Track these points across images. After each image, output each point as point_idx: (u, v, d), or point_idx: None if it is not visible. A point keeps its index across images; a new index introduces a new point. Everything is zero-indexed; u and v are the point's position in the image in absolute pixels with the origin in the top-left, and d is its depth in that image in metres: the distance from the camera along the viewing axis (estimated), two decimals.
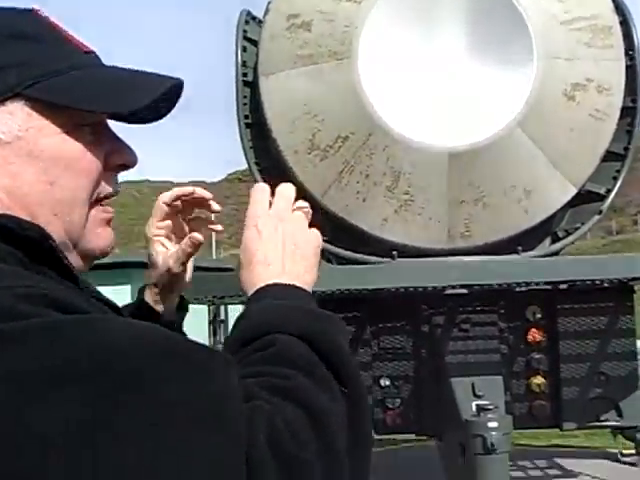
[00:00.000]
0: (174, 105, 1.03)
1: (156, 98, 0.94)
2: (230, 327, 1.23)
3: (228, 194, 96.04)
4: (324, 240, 5.34)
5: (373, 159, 4.96)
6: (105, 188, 0.97)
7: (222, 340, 8.32)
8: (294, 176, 5.10)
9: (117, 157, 0.98)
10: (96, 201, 0.97)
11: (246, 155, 5.44)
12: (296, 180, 5.11)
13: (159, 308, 1.31)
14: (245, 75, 5.35)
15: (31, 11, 0.97)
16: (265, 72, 5.12)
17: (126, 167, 1.00)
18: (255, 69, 5.25)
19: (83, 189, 0.93)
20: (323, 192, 5.07)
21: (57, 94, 0.90)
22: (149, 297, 1.32)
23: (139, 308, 1.31)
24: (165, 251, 1.30)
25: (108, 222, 1.00)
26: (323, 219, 5.25)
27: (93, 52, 0.99)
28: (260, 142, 5.36)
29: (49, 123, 0.90)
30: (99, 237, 0.97)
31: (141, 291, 1.34)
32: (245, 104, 5.37)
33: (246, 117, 5.36)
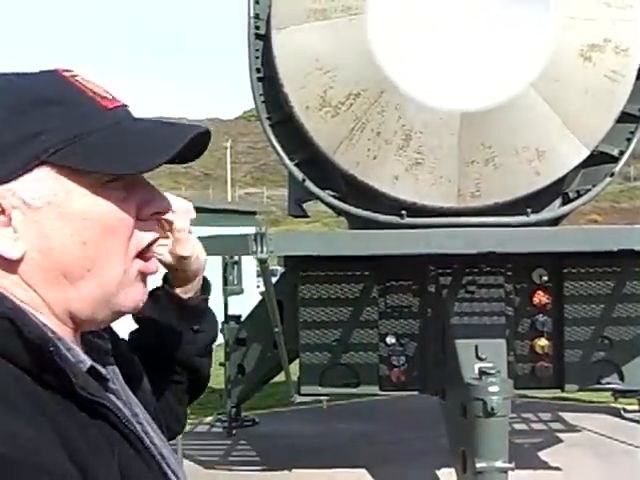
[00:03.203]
0: (204, 146, 1.05)
1: (170, 158, 0.95)
2: (243, 268, 1.37)
3: (244, 132, 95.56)
4: (337, 197, 5.32)
5: (385, 117, 4.92)
6: (143, 238, 1.00)
7: (235, 282, 8.35)
8: (305, 132, 5.10)
9: (149, 207, 1.00)
10: (139, 253, 1.00)
11: (257, 109, 5.42)
12: (307, 136, 5.11)
13: (186, 296, 1.42)
14: (258, 28, 5.29)
15: (54, 72, 0.99)
16: (278, 26, 5.06)
17: (160, 214, 1.02)
18: (268, 22, 5.19)
19: (116, 245, 0.96)
20: (334, 149, 5.06)
21: (77, 160, 0.92)
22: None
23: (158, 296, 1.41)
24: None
25: (144, 277, 1.02)
26: (335, 175, 5.27)
27: (118, 106, 1.00)
28: (272, 96, 5.33)
29: (76, 186, 0.94)
30: (127, 297, 0.99)
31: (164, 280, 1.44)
32: (257, 57, 5.33)
33: (258, 70, 5.33)
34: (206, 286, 1.48)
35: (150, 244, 1.01)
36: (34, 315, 0.93)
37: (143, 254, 1.00)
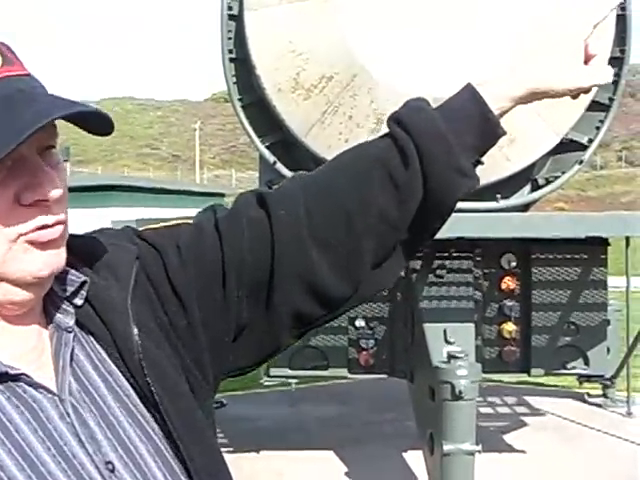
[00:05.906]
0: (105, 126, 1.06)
1: (21, 142, 0.89)
2: None
3: (213, 114, 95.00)
4: None
5: (357, 101, 4.93)
6: (25, 224, 0.95)
7: None
8: (277, 114, 5.08)
9: (30, 194, 0.95)
10: (22, 236, 0.95)
11: (229, 90, 5.38)
12: (278, 118, 5.09)
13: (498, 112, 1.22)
14: (230, 9, 5.25)
15: None
16: (251, 7, 5.02)
17: (44, 202, 0.95)
18: (241, 3, 5.15)
19: None
20: (306, 132, 5.05)
21: None
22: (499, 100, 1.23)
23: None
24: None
25: (42, 245, 0.96)
26: (306, 159, 5.26)
27: (12, 75, 0.95)
28: (244, 78, 5.30)
29: None
30: (23, 263, 0.95)
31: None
32: (230, 38, 5.29)
33: (230, 52, 5.29)
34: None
35: (40, 228, 0.96)
36: None
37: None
